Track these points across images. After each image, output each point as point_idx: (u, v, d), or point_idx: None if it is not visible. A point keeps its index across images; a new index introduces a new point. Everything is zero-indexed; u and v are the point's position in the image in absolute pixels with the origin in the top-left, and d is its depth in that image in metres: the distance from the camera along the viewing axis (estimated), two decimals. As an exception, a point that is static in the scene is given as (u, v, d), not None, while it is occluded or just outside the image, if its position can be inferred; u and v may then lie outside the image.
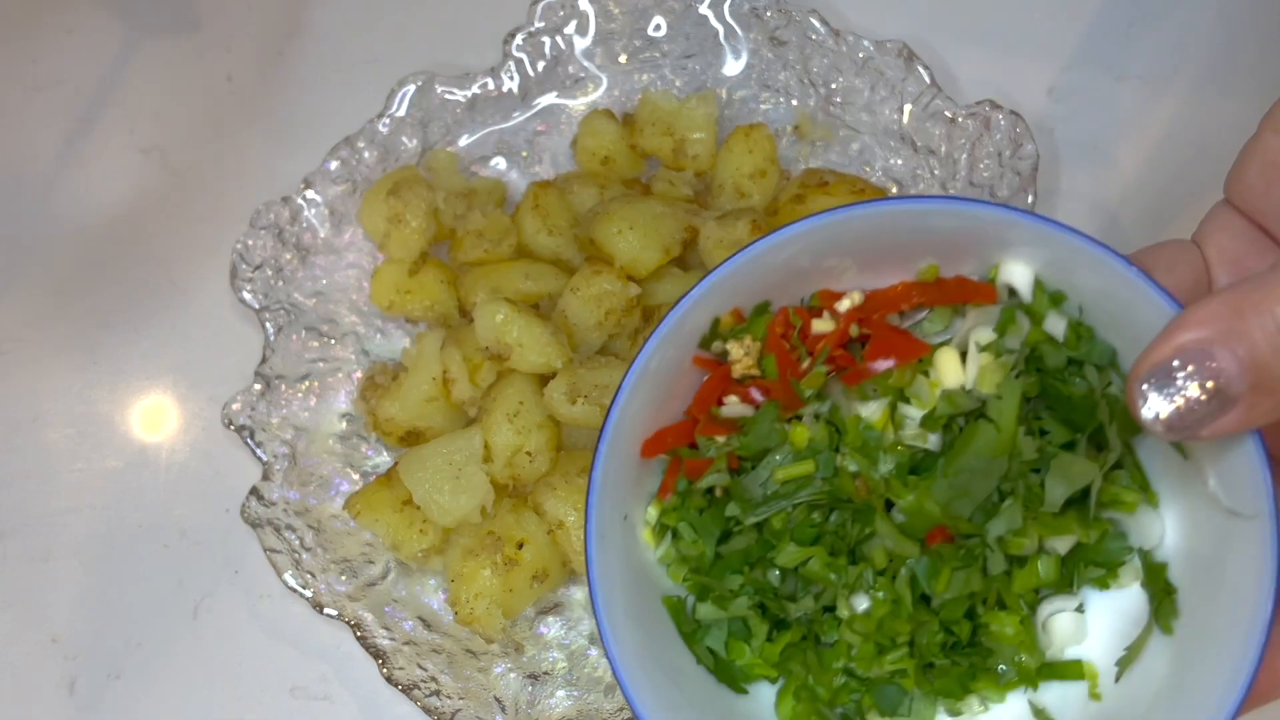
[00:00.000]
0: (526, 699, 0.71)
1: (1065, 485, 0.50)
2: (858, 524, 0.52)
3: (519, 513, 0.70)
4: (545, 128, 0.83)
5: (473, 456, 0.70)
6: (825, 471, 0.52)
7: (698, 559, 0.55)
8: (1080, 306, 0.52)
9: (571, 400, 0.68)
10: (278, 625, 0.75)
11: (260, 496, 0.73)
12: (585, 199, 0.77)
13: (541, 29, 0.82)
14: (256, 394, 0.76)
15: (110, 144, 0.87)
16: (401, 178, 0.78)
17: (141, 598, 0.76)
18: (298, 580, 0.71)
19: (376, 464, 0.76)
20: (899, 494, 0.51)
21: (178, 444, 0.80)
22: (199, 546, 0.77)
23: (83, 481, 0.79)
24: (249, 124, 0.87)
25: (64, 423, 0.81)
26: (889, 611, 0.52)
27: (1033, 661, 0.53)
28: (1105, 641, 0.53)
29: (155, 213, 0.85)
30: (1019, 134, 0.75)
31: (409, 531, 0.71)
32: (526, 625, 0.73)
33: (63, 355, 0.82)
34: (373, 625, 0.71)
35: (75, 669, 0.75)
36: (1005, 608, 0.53)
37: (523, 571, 0.69)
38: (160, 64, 0.89)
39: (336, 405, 0.78)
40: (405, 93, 0.81)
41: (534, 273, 0.76)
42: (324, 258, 0.80)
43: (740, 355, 0.54)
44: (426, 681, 0.69)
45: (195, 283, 0.83)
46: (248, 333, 0.80)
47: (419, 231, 0.77)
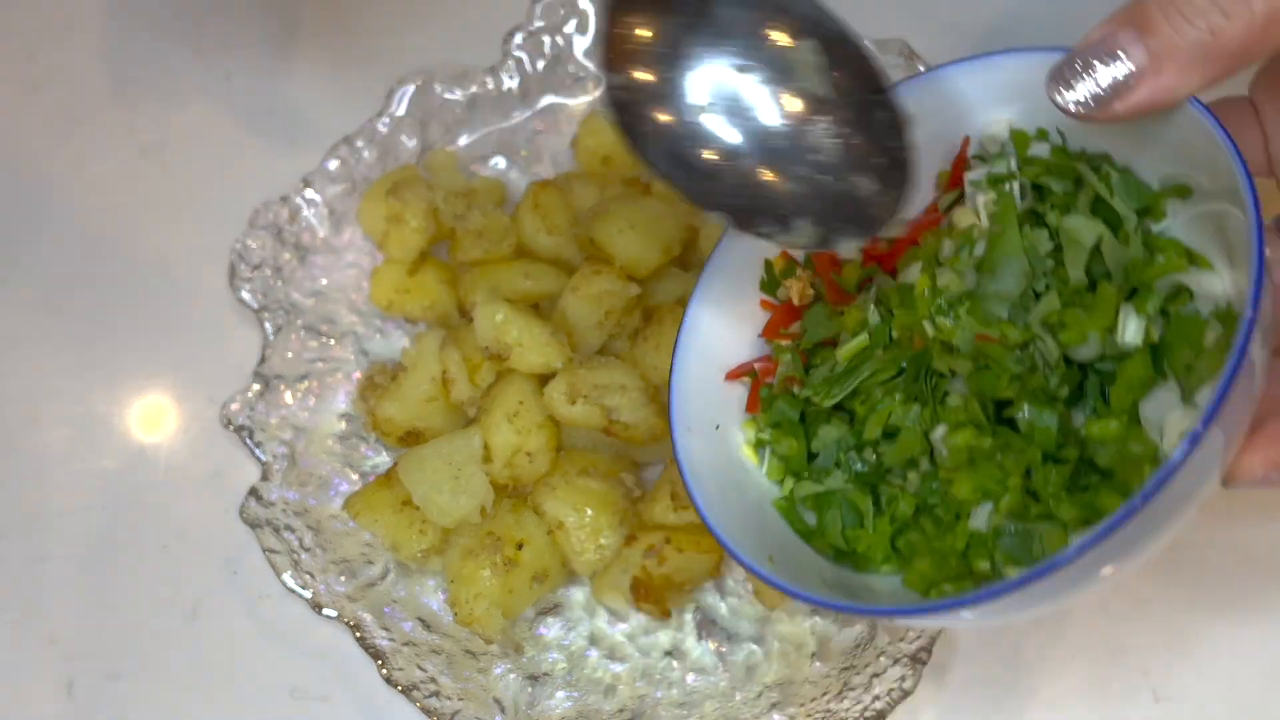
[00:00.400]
0: (526, 700, 0.70)
1: (1078, 249, 0.52)
2: (925, 375, 0.54)
3: (519, 513, 0.70)
4: (545, 127, 0.83)
5: (472, 457, 0.70)
6: (880, 340, 0.55)
7: (795, 458, 0.57)
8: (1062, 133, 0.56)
9: (571, 400, 0.68)
10: (277, 626, 0.75)
11: (259, 497, 0.73)
12: (585, 199, 0.77)
13: (541, 28, 0.82)
14: (255, 394, 0.76)
15: (110, 144, 0.87)
16: (401, 177, 0.78)
17: (140, 598, 0.76)
18: (297, 581, 0.71)
19: (376, 464, 0.76)
20: (947, 333, 0.53)
21: (176, 444, 0.80)
22: (197, 547, 0.77)
23: (81, 482, 0.79)
24: (249, 124, 0.87)
25: (62, 423, 0.81)
26: (973, 438, 0.51)
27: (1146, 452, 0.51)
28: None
29: (154, 212, 0.85)
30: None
31: (408, 532, 0.71)
32: (526, 626, 0.72)
33: (61, 355, 0.82)
34: (372, 626, 0.70)
35: (73, 670, 0.75)
36: (1102, 416, 0.51)
37: (522, 572, 0.69)
38: (161, 64, 0.89)
39: (335, 405, 0.78)
40: (404, 92, 0.81)
41: (534, 273, 0.75)
42: (323, 257, 0.80)
43: (796, 286, 0.58)
44: (426, 682, 0.69)
45: (194, 282, 0.83)
46: (246, 333, 0.80)
47: (418, 231, 0.77)
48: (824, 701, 0.68)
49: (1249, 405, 0.47)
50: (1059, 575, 0.45)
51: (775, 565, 0.54)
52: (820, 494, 0.56)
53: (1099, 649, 0.72)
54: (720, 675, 0.71)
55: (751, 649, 0.71)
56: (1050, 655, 0.72)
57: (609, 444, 0.72)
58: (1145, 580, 0.73)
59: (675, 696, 0.71)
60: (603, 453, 0.72)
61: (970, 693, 0.71)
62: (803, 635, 0.71)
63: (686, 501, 0.68)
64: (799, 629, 0.71)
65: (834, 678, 0.69)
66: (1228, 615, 0.72)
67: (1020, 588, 0.45)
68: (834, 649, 0.70)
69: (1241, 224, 0.47)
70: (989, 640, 0.72)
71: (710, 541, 0.70)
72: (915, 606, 0.51)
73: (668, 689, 0.71)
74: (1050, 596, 0.48)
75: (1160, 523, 0.46)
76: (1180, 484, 0.44)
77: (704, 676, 0.71)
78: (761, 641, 0.71)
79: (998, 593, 0.46)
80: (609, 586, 0.70)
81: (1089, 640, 0.72)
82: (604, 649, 0.72)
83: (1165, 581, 0.73)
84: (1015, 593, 0.45)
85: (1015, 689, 0.71)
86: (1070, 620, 0.72)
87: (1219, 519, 0.74)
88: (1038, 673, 0.71)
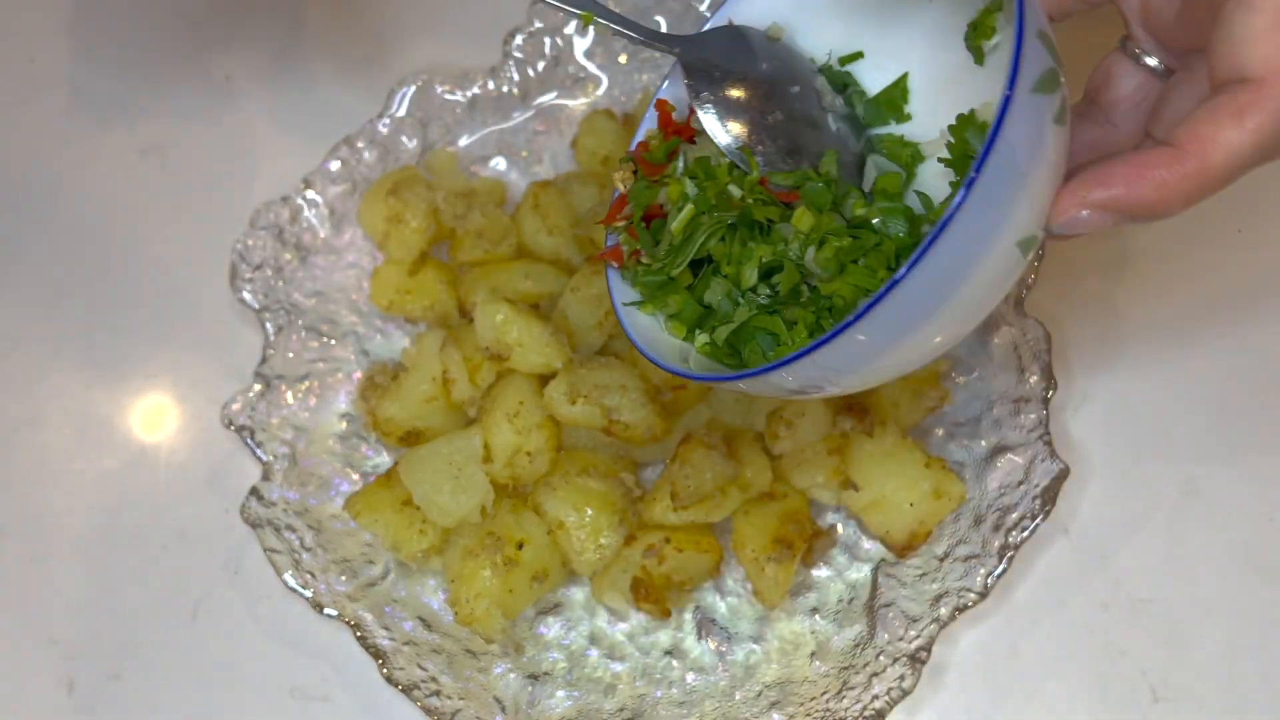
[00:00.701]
0: (526, 699, 0.70)
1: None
2: (754, 226, 0.59)
3: (519, 513, 0.70)
4: (545, 127, 0.83)
5: (472, 457, 0.70)
6: (703, 206, 0.59)
7: (685, 313, 0.61)
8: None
9: (571, 400, 0.68)
10: (277, 625, 0.75)
11: (260, 497, 0.73)
12: (585, 199, 0.77)
13: (541, 29, 0.83)
14: (256, 394, 0.76)
15: (110, 144, 0.87)
16: (401, 178, 0.78)
17: (141, 598, 0.76)
18: (297, 580, 0.71)
19: (376, 464, 0.76)
20: (749, 187, 0.59)
21: (177, 444, 0.80)
22: (198, 547, 0.77)
23: (82, 482, 0.79)
24: (249, 124, 0.87)
25: (63, 423, 0.81)
26: (835, 248, 0.57)
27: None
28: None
29: (155, 213, 0.85)
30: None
31: (409, 532, 0.71)
32: (526, 625, 0.73)
33: (62, 355, 0.82)
34: (373, 625, 0.71)
35: (74, 669, 0.75)
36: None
37: (523, 572, 0.69)
38: (160, 64, 0.89)
39: (336, 405, 0.78)
40: (405, 93, 0.81)
41: (534, 273, 0.76)
42: (324, 258, 0.80)
43: (619, 175, 0.63)
44: (426, 681, 0.69)
45: (195, 283, 0.83)
46: (247, 333, 0.80)
47: (419, 231, 0.77)
48: (823, 701, 0.68)
49: (1032, 157, 0.49)
50: (875, 323, 0.49)
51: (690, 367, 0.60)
52: (736, 330, 0.59)
53: (1098, 648, 0.72)
54: (720, 674, 0.71)
55: (751, 648, 0.72)
56: (1049, 654, 0.72)
57: (609, 444, 0.72)
58: (1145, 580, 0.73)
59: (675, 696, 0.71)
60: (603, 453, 0.72)
61: (969, 692, 0.71)
62: (802, 635, 0.71)
63: (686, 501, 0.68)
64: (798, 628, 0.71)
65: (833, 677, 0.69)
66: (1227, 615, 0.72)
67: (837, 336, 0.50)
68: (833, 648, 0.70)
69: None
70: (989, 640, 0.72)
71: (710, 541, 0.70)
72: (771, 364, 0.55)
73: (667, 688, 0.71)
74: (877, 351, 0.52)
75: (951, 279, 0.50)
76: (958, 233, 0.48)
77: (703, 676, 0.71)
78: (761, 641, 0.72)
79: (832, 336, 0.50)
80: (609, 586, 0.70)
81: (1088, 639, 0.72)
82: (604, 648, 0.72)
83: (1165, 581, 0.73)
84: (840, 338, 0.50)
85: (1014, 688, 0.71)
86: (1070, 620, 0.72)
87: (1218, 519, 0.74)
88: (1037, 672, 0.71)
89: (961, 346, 0.76)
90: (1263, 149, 0.51)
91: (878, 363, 0.54)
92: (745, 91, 0.63)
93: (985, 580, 0.69)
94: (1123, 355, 0.78)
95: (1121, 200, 0.51)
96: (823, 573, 0.73)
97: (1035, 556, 0.73)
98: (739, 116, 0.62)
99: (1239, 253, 0.80)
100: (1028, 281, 0.74)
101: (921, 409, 0.73)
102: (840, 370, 0.54)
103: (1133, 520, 0.74)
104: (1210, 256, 0.80)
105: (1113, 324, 0.79)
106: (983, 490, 0.71)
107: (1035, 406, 0.72)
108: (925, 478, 0.69)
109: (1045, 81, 0.50)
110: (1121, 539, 0.74)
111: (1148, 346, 0.78)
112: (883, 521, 0.70)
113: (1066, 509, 0.74)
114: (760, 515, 0.70)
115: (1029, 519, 0.69)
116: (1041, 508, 0.69)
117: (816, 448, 0.70)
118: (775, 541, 0.69)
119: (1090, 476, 0.75)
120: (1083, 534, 0.74)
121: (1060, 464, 0.70)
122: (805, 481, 0.71)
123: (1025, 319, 0.73)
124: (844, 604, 0.72)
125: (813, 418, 0.70)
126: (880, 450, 0.70)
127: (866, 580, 0.72)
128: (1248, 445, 0.76)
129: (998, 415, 0.73)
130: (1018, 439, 0.72)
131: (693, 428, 0.71)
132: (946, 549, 0.71)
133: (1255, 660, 0.71)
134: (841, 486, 0.71)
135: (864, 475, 0.70)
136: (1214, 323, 0.79)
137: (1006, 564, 0.69)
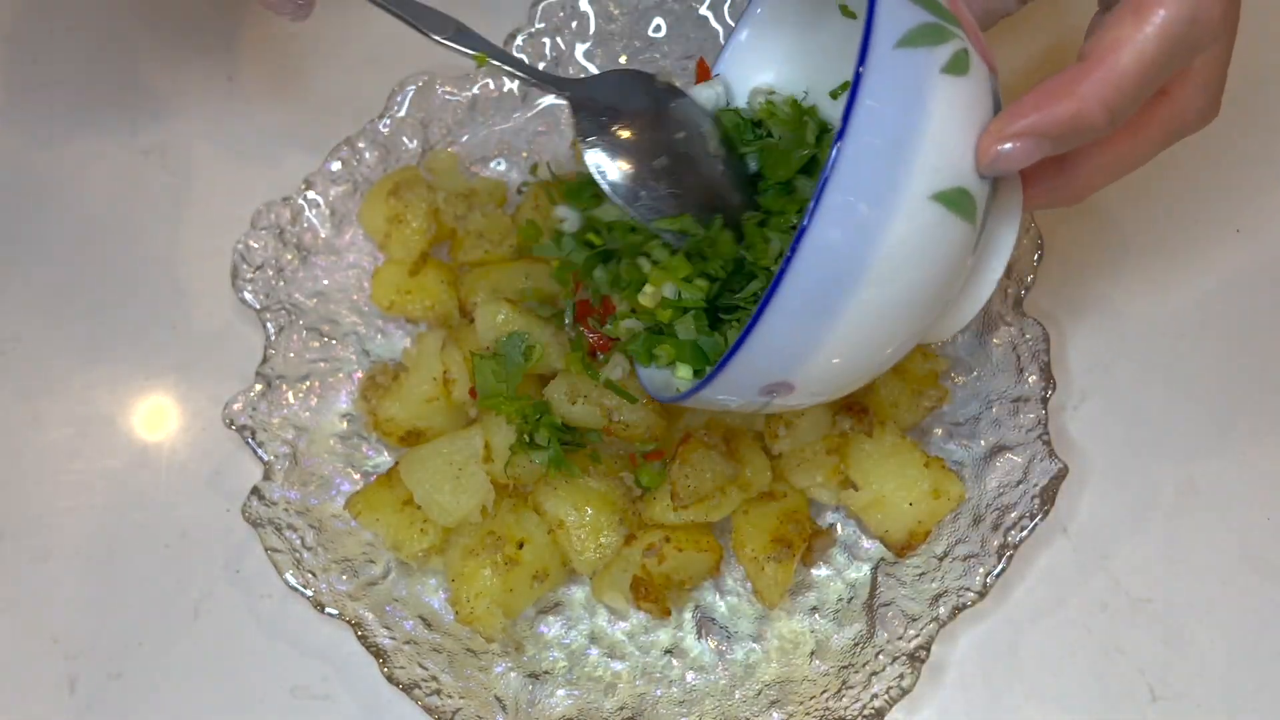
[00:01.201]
0: (527, 698, 0.71)
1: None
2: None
3: (519, 513, 0.70)
4: (545, 128, 0.83)
5: (473, 456, 0.70)
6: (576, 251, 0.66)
7: (663, 356, 0.64)
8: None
9: (571, 400, 0.69)
10: (278, 625, 0.75)
11: (261, 496, 0.73)
12: (585, 199, 0.78)
13: (542, 30, 0.83)
14: (257, 394, 0.76)
15: (110, 144, 0.87)
16: (402, 178, 0.78)
17: (142, 597, 0.76)
18: (298, 580, 0.71)
19: (377, 464, 0.77)
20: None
21: (178, 444, 0.80)
22: (199, 546, 0.77)
23: (83, 481, 0.79)
24: (249, 124, 0.87)
25: (64, 422, 0.81)
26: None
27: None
28: None
29: (155, 213, 0.85)
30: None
31: (409, 531, 0.71)
32: (527, 625, 0.73)
33: (63, 355, 0.82)
34: (373, 625, 0.71)
35: (75, 669, 0.75)
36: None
37: (523, 571, 0.69)
38: (160, 64, 0.89)
39: (337, 405, 0.78)
40: (406, 93, 0.81)
41: (534, 273, 0.76)
42: (325, 258, 0.80)
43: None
44: (427, 680, 0.69)
45: (196, 283, 0.83)
46: (248, 333, 0.80)
47: (419, 232, 0.77)
48: (823, 699, 0.68)
49: (911, 111, 0.49)
50: (787, 298, 0.49)
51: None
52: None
53: (1097, 647, 0.72)
54: (719, 673, 0.71)
55: (751, 647, 0.72)
56: (1048, 653, 0.72)
57: (609, 444, 0.72)
58: (1144, 579, 0.73)
59: (675, 695, 0.71)
60: (603, 453, 0.72)
61: (968, 690, 0.72)
62: (801, 634, 0.71)
63: (686, 501, 0.68)
64: (798, 628, 0.72)
65: (833, 676, 0.69)
66: (1226, 614, 0.72)
67: (766, 308, 0.49)
68: (833, 647, 0.71)
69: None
70: (988, 639, 0.72)
71: (710, 540, 0.70)
72: (680, 395, 0.58)
73: (667, 687, 0.71)
74: (810, 349, 0.52)
75: (856, 248, 0.49)
76: (839, 203, 0.48)
77: (703, 675, 0.71)
78: (760, 640, 0.72)
79: (755, 321, 0.50)
80: (609, 585, 0.70)
81: (1087, 638, 0.72)
82: (604, 647, 0.72)
83: (1165, 581, 0.73)
84: (765, 316, 0.50)
85: (1013, 687, 0.71)
86: (1068, 619, 0.73)
87: (1217, 518, 0.74)
88: (1035, 671, 0.72)
89: (961, 346, 0.76)
90: (1171, 42, 0.50)
91: (827, 362, 0.52)
92: (633, 134, 0.63)
93: (984, 579, 0.69)
94: (1121, 355, 0.78)
95: (1039, 124, 0.50)
96: (822, 572, 0.73)
97: (1034, 556, 0.74)
98: (624, 157, 0.62)
99: (1238, 252, 0.81)
100: (1026, 281, 0.74)
101: (921, 409, 0.73)
102: (784, 375, 0.53)
103: (1131, 519, 0.75)
104: (1209, 256, 0.80)
105: (1112, 324, 0.79)
106: (982, 490, 0.72)
107: (1034, 406, 0.72)
108: (924, 477, 0.70)
109: (918, 36, 0.49)
110: (1120, 538, 0.74)
111: (1146, 346, 0.79)
112: (882, 521, 0.70)
113: (1065, 508, 0.74)
114: (760, 515, 0.70)
115: (1028, 518, 0.69)
116: (1040, 507, 0.69)
117: (816, 447, 0.71)
118: (775, 541, 0.69)
119: (1089, 476, 0.75)
120: (1081, 533, 0.74)
121: (1059, 463, 0.70)
122: (805, 481, 0.71)
123: (1024, 319, 0.73)
124: (843, 603, 0.72)
125: (812, 418, 0.70)
126: (879, 450, 0.70)
127: (866, 579, 0.72)
128: (1246, 444, 0.76)
129: (997, 415, 0.73)
130: (1016, 438, 0.72)
131: (693, 427, 0.71)
132: (946, 548, 0.71)
133: (1253, 659, 0.71)
134: (841, 486, 0.71)
135: (863, 475, 0.70)
136: (1213, 322, 0.79)
137: (1005, 563, 0.69)
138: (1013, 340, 0.73)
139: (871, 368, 0.56)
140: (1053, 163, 0.56)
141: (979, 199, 0.52)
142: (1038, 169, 0.56)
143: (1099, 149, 0.56)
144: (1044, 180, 0.58)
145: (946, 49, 0.50)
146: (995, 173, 0.51)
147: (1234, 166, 0.82)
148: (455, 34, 0.64)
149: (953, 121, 0.50)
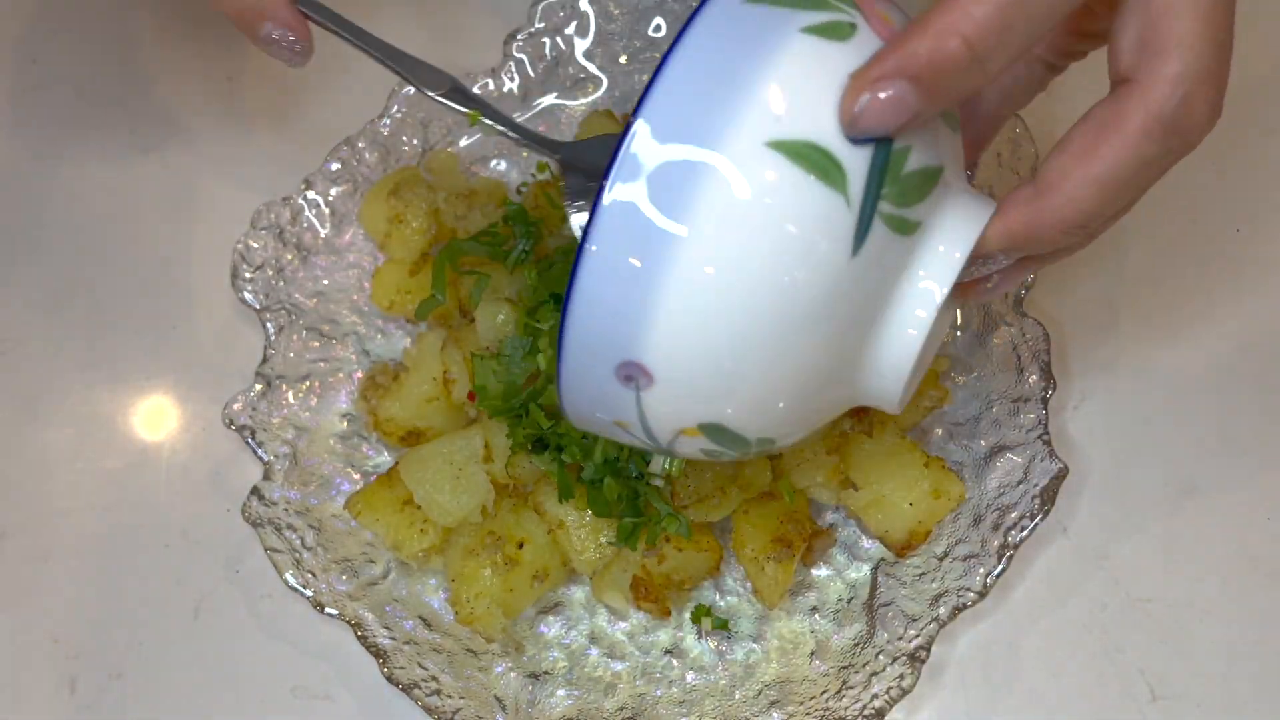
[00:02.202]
0: (527, 698, 0.71)
1: None
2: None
3: (519, 512, 0.70)
4: (546, 128, 0.83)
5: (473, 456, 0.70)
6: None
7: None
8: None
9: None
10: (278, 625, 0.75)
11: (261, 496, 0.73)
12: (585, 199, 0.78)
13: (542, 30, 0.83)
14: (257, 394, 0.76)
15: (110, 144, 0.87)
16: (402, 178, 0.78)
17: (142, 597, 0.76)
18: (298, 580, 0.71)
19: (377, 464, 0.77)
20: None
21: (178, 444, 0.80)
22: (199, 546, 0.77)
23: (83, 481, 0.79)
24: (249, 124, 0.87)
25: (64, 423, 0.81)
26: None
27: None
28: None
29: (156, 213, 0.85)
30: (1018, 134, 0.75)
31: (409, 531, 0.71)
32: (527, 625, 0.73)
33: (63, 355, 0.82)
34: (373, 625, 0.71)
35: (75, 669, 0.75)
36: None
37: (523, 571, 0.69)
38: (163, 65, 0.89)
39: (337, 405, 0.78)
40: (406, 93, 0.81)
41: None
42: (325, 258, 0.80)
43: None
44: (427, 680, 0.69)
45: (196, 283, 0.83)
46: (248, 333, 0.80)
47: (420, 232, 0.77)
48: (823, 700, 0.68)
49: (748, 59, 0.45)
50: (602, 233, 0.45)
51: None
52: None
53: (1097, 647, 0.72)
54: (720, 674, 0.71)
55: (751, 647, 0.72)
56: (1048, 653, 0.72)
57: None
58: (1144, 579, 0.73)
59: (675, 695, 0.71)
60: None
61: (968, 690, 0.72)
62: (801, 634, 0.71)
63: (686, 501, 0.68)
64: (798, 628, 0.72)
65: (833, 676, 0.69)
66: (1226, 615, 0.72)
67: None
68: (833, 647, 0.71)
69: None
70: (988, 639, 0.72)
71: (710, 540, 0.70)
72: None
73: (667, 687, 0.71)
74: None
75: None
76: (653, 114, 0.45)
77: (703, 675, 0.71)
78: (760, 640, 0.72)
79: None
80: (609, 585, 0.70)
81: (1087, 638, 0.72)
82: (604, 647, 0.72)
83: (1164, 580, 0.73)
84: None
85: (1013, 687, 0.71)
86: (1069, 619, 0.73)
87: (1217, 518, 0.74)
88: (1036, 671, 0.72)
89: (961, 346, 0.76)
90: (1135, 162, 0.47)
91: (673, 341, 0.47)
92: None
93: (984, 579, 0.69)
94: (1122, 354, 0.78)
95: (899, 64, 0.45)
96: (822, 572, 0.73)
97: (1034, 556, 0.74)
98: None
99: (1238, 252, 0.81)
100: (1026, 281, 0.74)
101: (920, 409, 0.73)
102: (629, 350, 0.47)
103: (1131, 519, 0.75)
104: (1209, 255, 0.80)
105: (1112, 323, 0.79)
106: (982, 490, 0.72)
107: (1034, 406, 0.72)
108: (924, 477, 0.70)
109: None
110: (1120, 538, 0.74)
111: (1147, 346, 0.78)
112: (882, 521, 0.70)
113: (1065, 508, 0.74)
114: (760, 515, 0.70)
115: (1028, 518, 0.69)
116: (1041, 507, 0.69)
117: (816, 447, 0.71)
118: (775, 541, 0.69)
119: (1089, 476, 0.75)
120: (1081, 533, 0.74)
121: (1059, 463, 0.70)
122: (804, 481, 0.71)
123: (1024, 318, 0.73)
124: (843, 603, 0.72)
125: (812, 417, 0.71)
126: (879, 450, 0.70)
127: (866, 579, 0.72)
128: (1247, 445, 0.76)
129: (997, 415, 0.73)
130: (1017, 438, 0.72)
131: (693, 427, 0.71)
132: (946, 548, 0.71)
133: (1254, 659, 0.71)
134: (841, 486, 0.71)
135: (863, 475, 0.70)
136: (1213, 322, 0.79)
137: (1006, 563, 0.69)
138: (1013, 340, 0.73)
139: (748, 376, 0.48)
140: (1026, 183, 0.51)
141: (850, 168, 0.45)
142: (1011, 193, 0.51)
143: (1074, 158, 0.49)
144: (1019, 202, 0.50)
145: (818, 15, 0.46)
146: (861, 131, 0.45)
147: (1234, 165, 0.82)
148: (450, 90, 0.67)
149: (810, 79, 0.45)
